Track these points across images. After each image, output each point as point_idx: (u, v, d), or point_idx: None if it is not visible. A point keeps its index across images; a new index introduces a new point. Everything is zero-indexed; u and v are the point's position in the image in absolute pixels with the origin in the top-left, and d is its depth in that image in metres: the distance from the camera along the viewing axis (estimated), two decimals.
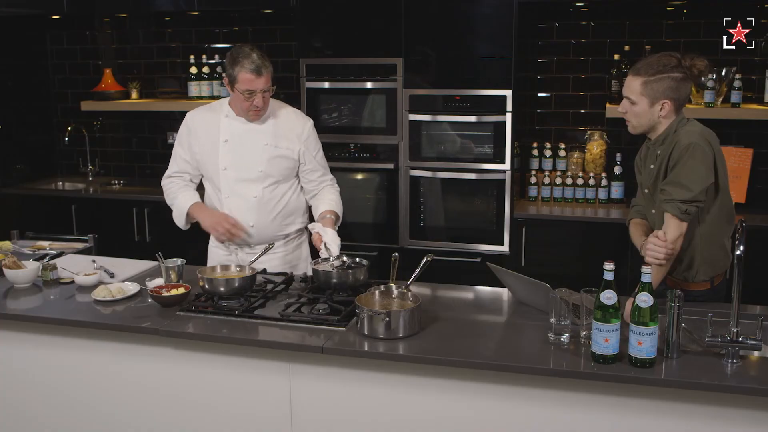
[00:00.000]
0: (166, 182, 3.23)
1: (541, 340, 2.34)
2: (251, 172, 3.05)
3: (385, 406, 2.38)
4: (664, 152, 2.58)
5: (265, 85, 2.94)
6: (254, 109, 2.98)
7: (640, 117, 2.59)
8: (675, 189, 2.48)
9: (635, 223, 2.83)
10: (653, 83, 2.53)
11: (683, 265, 2.64)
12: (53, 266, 3.00)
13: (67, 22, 5.38)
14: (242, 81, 2.91)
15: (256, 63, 2.90)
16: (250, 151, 3.05)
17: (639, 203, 2.85)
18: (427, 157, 4.37)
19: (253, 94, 2.93)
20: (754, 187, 4.25)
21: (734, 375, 2.09)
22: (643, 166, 2.75)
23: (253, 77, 2.90)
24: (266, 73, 2.93)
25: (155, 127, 5.40)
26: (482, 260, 4.18)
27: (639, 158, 2.81)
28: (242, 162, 3.05)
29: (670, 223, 2.49)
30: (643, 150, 2.77)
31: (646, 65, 2.56)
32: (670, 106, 2.55)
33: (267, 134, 3.07)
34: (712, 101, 4.14)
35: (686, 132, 2.55)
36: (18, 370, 2.80)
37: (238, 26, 5.08)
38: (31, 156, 5.42)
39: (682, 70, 2.53)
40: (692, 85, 2.61)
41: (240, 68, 2.90)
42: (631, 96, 2.58)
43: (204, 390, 2.57)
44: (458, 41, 4.22)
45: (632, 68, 2.61)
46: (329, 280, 2.74)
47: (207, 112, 3.16)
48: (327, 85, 4.45)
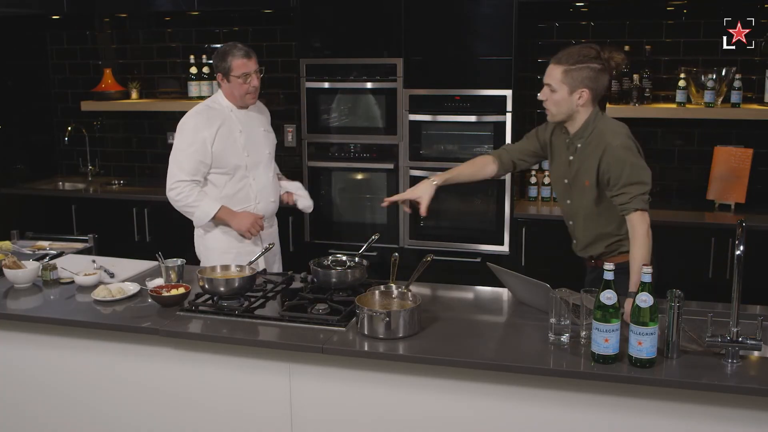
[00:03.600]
0: (182, 186, 3.19)
1: (541, 340, 2.34)
2: (263, 155, 3.40)
3: (385, 406, 2.39)
4: (590, 151, 2.69)
5: (256, 65, 3.28)
6: (252, 91, 3.28)
7: (559, 105, 2.69)
8: (634, 187, 2.59)
9: (482, 159, 3.03)
10: (573, 72, 2.64)
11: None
12: (53, 266, 3.00)
13: (67, 22, 5.38)
14: (237, 66, 3.22)
15: (244, 49, 3.25)
16: (259, 136, 3.40)
17: (510, 151, 3.01)
18: (427, 157, 4.36)
19: (249, 75, 3.23)
20: (754, 187, 4.25)
21: (734, 375, 2.09)
22: (556, 152, 2.86)
23: (246, 60, 3.23)
24: (254, 56, 3.28)
25: (155, 127, 5.40)
26: (482, 260, 4.18)
27: (546, 134, 2.91)
28: (256, 146, 3.37)
29: (638, 220, 2.58)
30: (556, 134, 2.87)
31: (567, 54, 2.67)
32: (588, 96, 2.66)
33: (261, 121, 3.46)
34: (712, 101, 4.14)
35: (612, 132, 2.67)
36: (18, 370, 2.80)
37: (238, 26, 5.08)
38: (31, 156, 5.42)
39: (601, 62, 2.65)
40: (609, 77, 2.72)
41: (232, 57, 3.22)
42: (552, 83, 2.68)
43: (204, 390, 2.57)
44: (458, 41, 4.22)
45: (554, 57, 2.71)
46: (329, 280, 2.74)
47: (210, 109, 3.30)
48: (327, 85, 4.45)
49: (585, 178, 2.73)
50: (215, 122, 3.24)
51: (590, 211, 2.77)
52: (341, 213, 4.55)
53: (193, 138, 3.20)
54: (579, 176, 2.76)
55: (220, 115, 3.28)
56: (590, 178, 2.71)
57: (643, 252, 2.52)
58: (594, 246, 2.82)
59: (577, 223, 2.86)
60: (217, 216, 3.22)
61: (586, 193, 2.75)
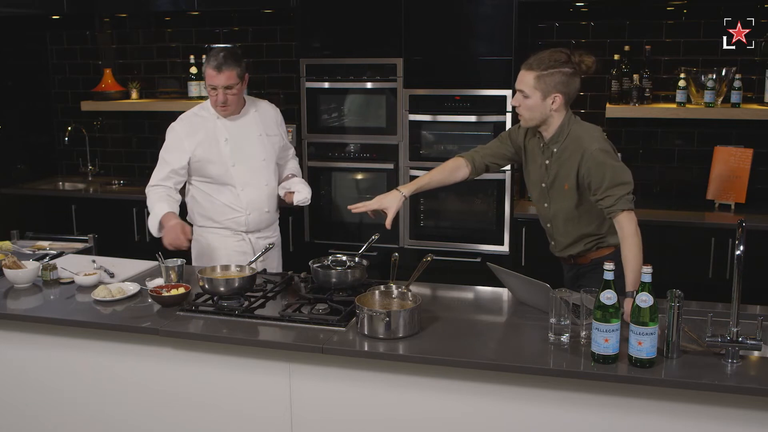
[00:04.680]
0: (150, 190, 3.22)
1: (541, 340, 2.34)
2: (256, 162, 3.26)
3: (385, 406, 2.39)
4: (567, 155, 2.70)
5: (227, 81, 3.08)
6: (219, 105, 3.14)
7: (533, 110, 2.69)
8: (617, 189, 2.58)
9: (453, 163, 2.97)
10: (546, 77, 2.64)
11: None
12: (53, 266, 3.00)
13: (67, 22, 5.38)
14: (206, 76, 3.12)
15: (218, 60, 3.06)
16: (251, 143, 3.25)
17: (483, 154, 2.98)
18: (427, 157, 4.36)
19: (215, 89, 3.10)
20: (754, 187, 4.25)
21: (734, 375, 2.09)
22: (531, 156, 2.87)
23: (214, 73, 3.07)
24: (226, 71, 3.06)
25: (155, 127, 5.39)
26: (482, 260, 4.19)
27: (519, 137, 2.91)
28: (246, 155, 3.23)
29: (626, 220, 2.56)
30: (529, 138, 2.87)
31: (537, 60, 2.68)
32: (561, 100, 2.67)
33: (257, 125, 3.29)
34: (712, 101, 4.14)
35: (589, 137, 2.68)
36: (18, 370, 2.80)
37: (238, 26, 5.08)
38: (31, 156, 5.42)
39: (572, 66, 2.67)
40: (580, 81, 2.73)
41: (206, 64, 3.11)
42: (525, 89, 2.68)
43: (204, 390, 2.57)
44: (458, 41, 4.22)
45: (525, 63, 2.71)
46: (329, 280, 2.74)
47: (195, 117, 3.26)
48: (327, 85, 4.45)
49: (564, 182, 2.75)
50: (198, 131, 3.20)
51: (570, 214, 2.79)
52: (341, 213, 4.55)
53: (171, 144, 3.22)
54: (557, 180, 2.77)
55: (204, 123, 3.22)
56: (569, 182, 2.72)
57: (635, 251, 2.52)
58: (574, 246, 2.84)
59: (556, 225, 2.87)
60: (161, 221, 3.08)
61: (566, 197, 2.76)
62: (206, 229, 3.31)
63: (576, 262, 2.87)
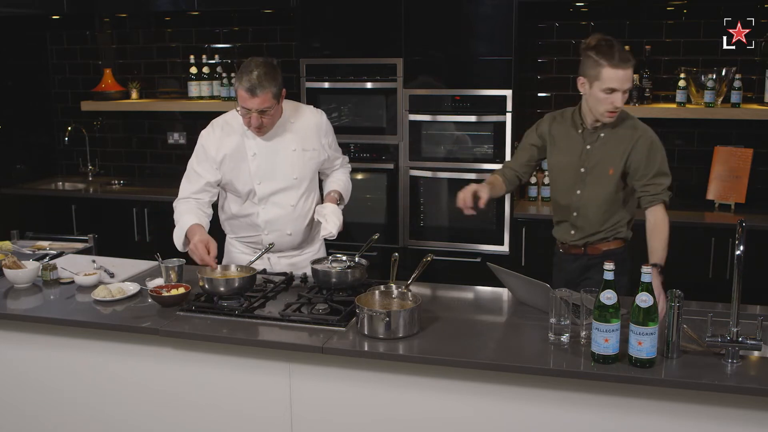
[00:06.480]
0: (179, 202, 3.01)
1: (541, 340, 2.34)
2: (286, 180, 2.98)
3: (385, 406, 2.38)
4: (618, 139, 2.76)
5: (261, 105, 2.76)
6: (253, 128, 2.85)
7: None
8: (664, 178, 2.72)
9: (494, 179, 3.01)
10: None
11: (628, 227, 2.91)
12: (53, 266, 3.00)
13: (67, 22, 5.38)
14: (239, 97, 2.79)
15: (252, 82, 2.72)
16: (282, 159, 2.97)
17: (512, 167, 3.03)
18: (427, 157, 4.37)
19: (248, 112, 2.79)
20: (755, 187, 4.25)
21: (734, 375, 2.09)
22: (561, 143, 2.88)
23: (247, 96, 2.74)
24: (262, 94, 2.73)
25: (155, 127, 5.40)
26: (482, 260, 4.18)
27: (542, 130, 2.95)
28: (275, 173, 2.96)
29: (663, 211, 2.69)
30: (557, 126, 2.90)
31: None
32: None
33: (293, 140, 2.98)
34: (712, 101, 4.14)
35: (643, 125, 2.80)
36: (18, 370, 2.80)
37: (238, 26, 5.08)
38: (31, 156, 5.42)
39: None
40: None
41: (238, 83, 2.77)
42: (630, 85, 2.71)
43: (204, 390, 2.57)
44: (458, 41, 4.22)
45: (620, 61, 2.62)
46: (329, 280, 2.74)
47: (226, 125, 2.99)
48: (327, 85, 4.45)
49: (609, 166, 2.78)
50: (226, 144, 2.94)
51: (606, 199, 2.82)
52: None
53: (200, 155, 2.99)
54: (600, 165, 2.80)
55: (234, 134, 2.95)
56: (615, 166, 2.77)
57: (667, 234, 2.65)
58: (596, 234, 2.88)
59: (584, 213, 2.87)
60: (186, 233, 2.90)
61: (607, 182, 2.80)
62: (231, 240, 3.20)
63: (587, 252, 2.91)
